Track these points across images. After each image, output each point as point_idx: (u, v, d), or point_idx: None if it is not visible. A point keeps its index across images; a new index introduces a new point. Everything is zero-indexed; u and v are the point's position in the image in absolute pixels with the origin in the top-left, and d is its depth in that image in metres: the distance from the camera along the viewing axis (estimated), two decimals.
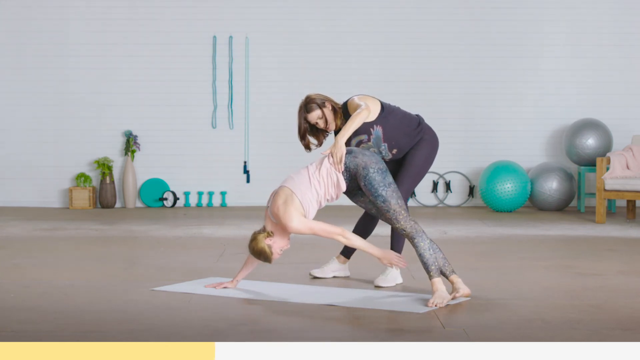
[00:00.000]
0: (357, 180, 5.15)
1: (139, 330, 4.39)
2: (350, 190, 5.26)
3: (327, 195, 5.17)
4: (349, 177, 5.17)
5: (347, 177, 5.17)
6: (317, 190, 5.13)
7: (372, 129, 5.46)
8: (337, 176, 5.14)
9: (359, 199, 5.29)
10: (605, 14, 10.65)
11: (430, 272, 5.05)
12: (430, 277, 5.04)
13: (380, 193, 5.08)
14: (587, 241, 7.76)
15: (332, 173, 5.14)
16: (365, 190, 5.12)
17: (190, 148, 10.68)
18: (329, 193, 5.18)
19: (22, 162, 10.69)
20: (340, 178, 5.13)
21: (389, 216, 5.09)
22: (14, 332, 4.35)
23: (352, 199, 5.32)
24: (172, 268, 6.22)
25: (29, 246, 7.38)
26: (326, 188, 5.15)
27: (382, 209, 5.09)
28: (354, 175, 5.15)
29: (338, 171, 5.14)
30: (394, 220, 5.08)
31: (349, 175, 5.16)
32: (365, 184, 5.11)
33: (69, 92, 10.66)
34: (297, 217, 5.04)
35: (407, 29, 10.65)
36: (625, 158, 9.28)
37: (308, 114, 5.47)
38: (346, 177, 5.16)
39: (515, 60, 10.67)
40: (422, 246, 5.06)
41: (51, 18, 10.62)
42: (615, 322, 4.54)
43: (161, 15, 10.63)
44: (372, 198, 5.10)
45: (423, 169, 5.64)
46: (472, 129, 10.71)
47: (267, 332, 4.36)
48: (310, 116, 5.47)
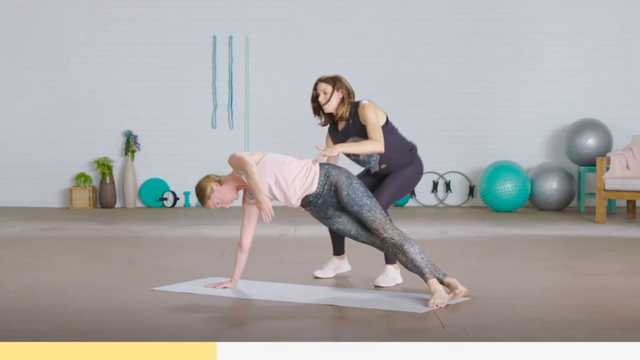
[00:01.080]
0: (338, 193, 5.10)
1: (139, 330, 4.39)
2: (326, 214, 5.21)
3: (292, 184, 5.13)
4: (329, 189, 5.14)
5: (327, 190, 5.14)
6: (291, 172, 5.12)
7: (371, 157, 5.54)
8: (314, 176, 5.13)
9: (337, 220, 5.21)
10: (605, 14, 10.65)
11: (424, 274, 5.04)
12: (426, 280, 5.03)
13: (365, 202, 5.08)
14: (587, 241, 7.76)
15: (311, 171, 5.14)
16: (347, 201, 5.08)
17: (190, 148, 10.68)
18: (295, 185, 5.13)
19: (22, 162, 10.69)
20: (315, 179, 5.12)
21: (376, 226, 5.05)
22: (14, 332, 4.35)
23: (329, 221, 5.22)
24: (172, 268, 6.22)
25: (29, 246, 7.38)
26: (298, 178, 5.13)
27: (368, 219, 5.06)
28: (334, 186, 5.12)
29: (320, 159, 5.18)
30: (381, 230, 5.05)
31: (329, 188, 5.14)
32: (348, 193, 5.09)
33: (69, 92, 10.66)
34: (246, 154, 5.11)
35: (408, 29, 10.65)
36: (625, 158, 9.28)
37: (320, 81, 5.56)
38: (325, 189, 5.14)
39: (515, 60, 10.67)
40: (412, 251, 5.05)
41: (51, 18, 10.62)
42: (615, 322, 4.54)
43: (161, 15, 10.63)
44: (357, 208, 5.06)
45: (404, 189, 5.65)
46: (472, 129, 10.71)
47: (267, 332, 4.36)
48: (320, 85, 5.54)
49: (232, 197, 5.23)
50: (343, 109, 5.53)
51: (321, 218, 5.22)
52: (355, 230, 5.19)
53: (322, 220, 5.24)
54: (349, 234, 5.21)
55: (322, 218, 5.22)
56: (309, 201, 5.17)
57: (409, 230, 8.40)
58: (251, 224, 5.38)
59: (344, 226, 5.21)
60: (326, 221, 5.23)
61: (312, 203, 5.17)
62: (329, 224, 5.24)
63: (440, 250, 7.23)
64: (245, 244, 5.40)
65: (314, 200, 5.17)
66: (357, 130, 5.52)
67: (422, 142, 10.67)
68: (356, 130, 5.52)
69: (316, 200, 5.17)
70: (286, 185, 5.13)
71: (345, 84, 5.56)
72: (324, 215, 5.20)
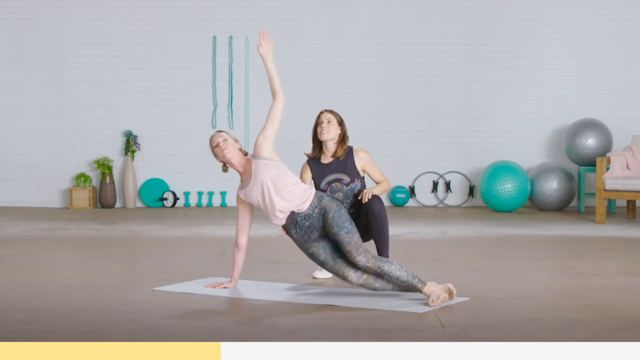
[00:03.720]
0: (325, 215, 5.14)
1: (139, 330, 4.39)
2: (309, 237, 5.20)
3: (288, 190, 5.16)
4: (319, 212, 5.17)
5: (317, 213, 5.17)
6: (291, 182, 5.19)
7: (356, 180, 5.68)
8: (309, 197, 5.19)
9: (315, 244, 5.20)
10: (605, 14, 10.65)
11: (415, 285, 5.02)
12: (420, 290, 5.01)
13: (346, 225, 5.09)
14: (587, 241, 7.76)
15: (308, 191, 5.21)
16: (330, 223, 5.10)
17: (190, 148, 10.68)
18: (289, 194, 5.17)
19: (22, 162, 10.69)
20: (309, 200, 5.17)
21: (350, 248, 5.04)
22: (14, 332, 4.34)
23: (308, 244, 5.21)
24: (172, 268, 6.22)
25: (29, 246, 7.38)
26: (295, 188, 5.19)
27: (344, 240, 5.05)
28: (324, 210, 5.16)
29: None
30: (354, 252, 5.02)
31: (319, 211, 5.18)
32: (334, 216, 5.11)
33: (69, 92, 10.66)
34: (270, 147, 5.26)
35: (408, 29, 10.65)
36: (625, 158, 9.28)
37: (327, 111, 5.73)
38: (315, 211, 5.18)
39: (515, 60, 10.68)
40: (393, 269, 5.03)
41: (51, 18, 10.62)
42: (615, 322, 4.54)
43: (161, 15, 10.63)
44: (336, 229, 5.07)
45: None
46: (472, 129, 10.71)
47: (266, 332, 4.36)
48: (326, 114, 5.71)
49: (233, 155, 5.25)
50: (344, 147, 5.72)
51: (303, 241, 5.23)
52: (324, 257, 5.18)
53: (302, 244, 5.25)
54: (318, 258, 5.20)
55: (304, 241, 5.23)
56: (295, 222, 5.20)
57: (409, 230, 8.41)
58: (246, 223, 5.39)
59: (317, 250, 5.21)
60: (306, 244, 5.23)
61: (299, 225, 5.20)
62: (307, 247, 5.23)
63: (440, 250, 7.23)
64: (242, 243, 5.41)
65: (302, 222, 5.20)
66: (345, 167, 5.69)
67: (422, 142, 10.71)
68: (344, 167, 5.69)
69: (304, 222, 5.20)
70: (282, 189, 5.15)
71: (345, 126, 5.77)
72: (307, 239, 5.22)
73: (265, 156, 5.23)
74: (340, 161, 5.71)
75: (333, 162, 5.72)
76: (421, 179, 10.77)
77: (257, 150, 5.25)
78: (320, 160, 5.75)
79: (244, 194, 5.29)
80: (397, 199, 10.62)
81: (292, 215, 5.20)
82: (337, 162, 5.71)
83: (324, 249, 5.19)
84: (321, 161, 5.75)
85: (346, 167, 5.69)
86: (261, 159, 5.22)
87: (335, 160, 5.72)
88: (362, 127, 10.56)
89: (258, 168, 5.20)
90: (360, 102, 10.65)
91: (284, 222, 5.24)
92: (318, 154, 5.77)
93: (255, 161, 5.23)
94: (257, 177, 5.20)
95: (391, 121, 10.64)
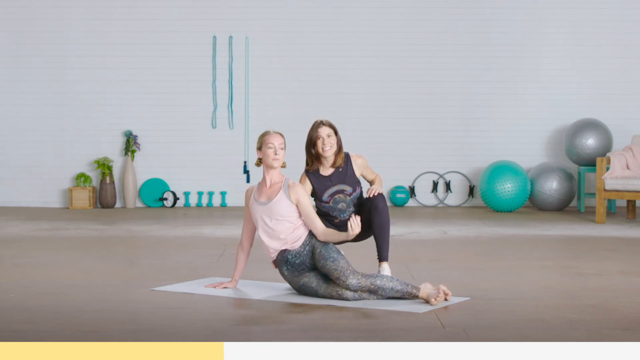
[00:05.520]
0: (314, 251, 5.18)
1: (139, 330, 4.39)
2: (300, 273, 5.21)
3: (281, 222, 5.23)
4: (310, 250, 5.21)
5: (307, 250, 5.22)
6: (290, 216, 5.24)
7: (357, 188, 5.64)
8: (302, 235, 5.23)
9: (306, 274, 5.20)
10: (605, 14, 10.65)
11: (411, 292, 5.02)
12: (416, 295, 5.01)
13: (332, 255, 5.09)
14: (587, 241, 7.76)
15: (302, 228, 5.25)
16: (318, 258, 5.13)
17: (190, 148, 10.67)
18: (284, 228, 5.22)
19: (23, 162, 10.69)
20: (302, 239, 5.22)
21: (338, 274, 5.02)
22: (14, 332, 4.35)
23: (299, 279, 5.21)
24: (172, 268, 6.22)
25: (29, 246, 7.38)
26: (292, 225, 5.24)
27: (331, 269, 5.04)
28: (313, 247, 5.21)
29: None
30: (343, 278, 5.01)
31: (310, 249, 5.22)
32: (320, 251, 5.13)
33: (69, 92, 10.66)
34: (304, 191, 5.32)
35: (408, 29, 10.65)
36: (625, 158, 9.28)
37: (324, 125, 5.62)
38: (306, 249, 5.22)
39: (515, 60, 10.67)
40: (385, 282, 5.02)
41: (51, 18, 10.62)
42: (615, 322, 4.54)
43: (161, 15, 10.63)
44: (323, 262, 5.08)
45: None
46: (472, 129, 10.71)
47: (266, 332, 4.36)
48: (324, 129, 5.60)
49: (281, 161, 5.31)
50: (342, 155, 5.66)
51: (293, 277, 5.24)
52: (316, 283, 5.17)
53: (292, 279, 5.26)
54: (310, 286, 5.18)
55: (294, 277, 5.24)
56: (286, 259, 5.22)
57: (409, 230, 8.41)
58: (252, 225, 5.40)
59: (309, 279, 5.20)
60: (297, 279, 5.24)
61: (290, 262, 5.23)
62: (297, 281, 5.24)
63: (440, 250, 7.23)
64: (246, 244, 5.42)
65: (292, 260, 5.22)
66: (345, 177, 5.63)
67: (422, 142, 10.71)
68: (344, 178, 5.63)
69: (294, 259, 5.22)
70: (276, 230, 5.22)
71: (338, 132, 5.71)
72: (297, 275, 5.24)
73: (297, 203, 5.25)
74: (340, 172, 5.63)
75: (333, 174, 5.62)
76: (421, 179, 10.77)
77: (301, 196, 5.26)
78: (320, 172, 5.64)
79: (251, 204, 5.28)
80: (397, 199, 10.62)
81: (283, 252, 5.24)
82: (337, 172, 5.63)
83: (315, 276, 5.19)
84: (321, 173, 5.64)
85: (346, 178, 5.63)
86: (289, 202, 5.23)
87: (335, 171, 5.63)
88: (362, 127, 10.56)
89: (279, 202, 5.23)
90: (360, 102, 10.65)
91: (275, 258, 5.29)
92: (317, 167, 5.68)
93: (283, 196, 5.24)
94: (272, 207, 5.22)
95: (391, 121, 10.64)
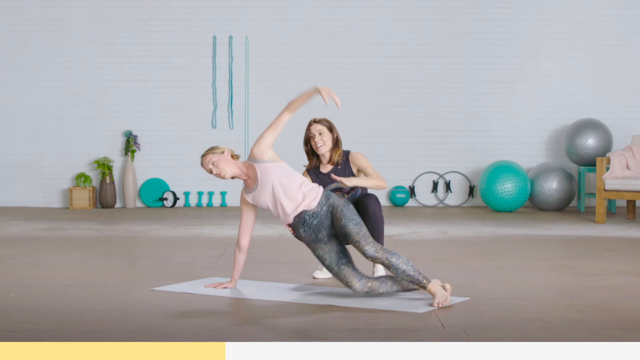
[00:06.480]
0: (334, 210, 5.12)
1: (139, 330, 4.39)
2: (317, 237, 5.18)
3: (296, 191, 5.16)
4: (327, 210, 5.16)
5: (325, 210, 5.16)
6: (297, 181, 5.18)
7: (356, 187, 5.62)
8: (317, 194, 5.17)
9: (322, 247, 5.18)
10: (605, 14, 10.65)
11: (421, 281, 4.99)
12: (424, 286, 4.99)
13: (354, 217, 5.08)
14: (587, 241, 7.76)
15: (315, 189, 5.19)
16: (339, 217, 5.08)
17: (190, 148, 10.67)
18: (298, 193, 5.15)
19: (22, 162, 10.69)
20: (317, 198, 5.15)
21: (359, 238, 5.00)
22: (14, 332, 4.35)
23: (316, 244, 5.20)
24: (172, 268, 6.22)
25: (29, 246, 7.38)
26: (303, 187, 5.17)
27: (352, 231, 5.02)
28: (332, 207, 5.15)
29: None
30: (362, 243, 5.00)
31: (327, 209, 5.16)
32: (342, 210, 5.09)
33: (69, 92, 10.66)
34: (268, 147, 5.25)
35: (407, 29, 10.65)
36: (625, 158, 9.28)
37: (316, 122, 5.69)
38: (324, 209, 5.16)
39: (515, 60, 10.67)
40: (400, 263, 4.99)
41: (51, 18, 10.62)
42: (615, 322, 4.54)
43: (161, 15, 10.63)
44: (344, 221, 5.05)
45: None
46: (472, 129, 10.71)
47: (267, 332, 4.36)
48: (315, 126, 5.66)
49: (229, 171, 5.23)
50: (338, 152, 5.68)
51: (311, 240, 5.21)
52: (329, 262, 5.16)
53: (310, 243, 5.23)
54: (324, 262, 5.18)
55: (312, 240, 5.21)
56: (303, 220, 5.18)
57: (409, 230, 8.41)
58: (249, 224, 5.39)
59: (323, 254, 5.19)
60: (314, 244, 5.21)
61: (307, 223, 5.18)
62: (314, 248, 5.22)
63: (440, 250, 7.23)
64: (244, 243, 5.41)
65: (310, 221, 5.17)
66: (343, 175, 5.66)
67: (422, 142, 10.71)
68: (342, 176, 5.65)
69: (312, 220, 5.17)
70: (290, 189, 5.14)
71: (336, 128, 5.73)
72: (315, 238, 5.19)
73: (268, 159, 5.22)
74: (338, 169, 5.69)
75: (332, 171, 5.69)
76: (421, 179, 10.77)
77: (259, 154, 5.23)
78: (320, 169, 5.73)
79: (252, 198, 5.27)
80: (397, 199, 10.62)
81: (300, 214, 5.18)
82: (335, 170, 5.68)
83: (329, 253, 5.17)
84: (321, 170, 5.72)
85: (345, 176, 5.67)
86: (264, 163, 5.21)
87: (334, 169, 5.69)
88: (362, 127, 10.56)
89: (264, 172, 5.19)
90: (360, 102, 10.65)
91: (292, 222, 5.23)
92: (317, 163, 5.74)
93: (259, 165, 5.21)
94: (264, 181, 5.18)
95: (391, 121, 10.64)
